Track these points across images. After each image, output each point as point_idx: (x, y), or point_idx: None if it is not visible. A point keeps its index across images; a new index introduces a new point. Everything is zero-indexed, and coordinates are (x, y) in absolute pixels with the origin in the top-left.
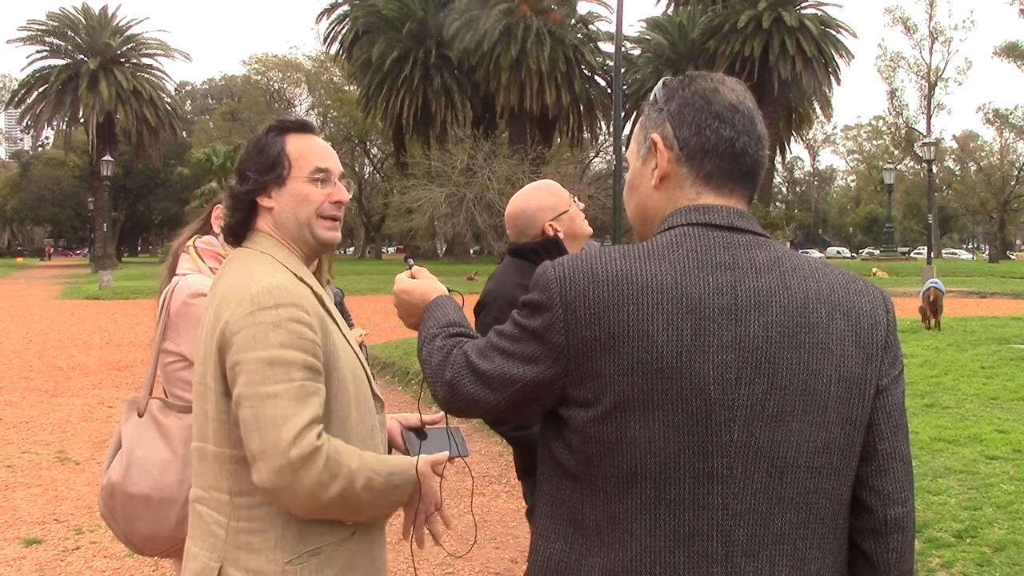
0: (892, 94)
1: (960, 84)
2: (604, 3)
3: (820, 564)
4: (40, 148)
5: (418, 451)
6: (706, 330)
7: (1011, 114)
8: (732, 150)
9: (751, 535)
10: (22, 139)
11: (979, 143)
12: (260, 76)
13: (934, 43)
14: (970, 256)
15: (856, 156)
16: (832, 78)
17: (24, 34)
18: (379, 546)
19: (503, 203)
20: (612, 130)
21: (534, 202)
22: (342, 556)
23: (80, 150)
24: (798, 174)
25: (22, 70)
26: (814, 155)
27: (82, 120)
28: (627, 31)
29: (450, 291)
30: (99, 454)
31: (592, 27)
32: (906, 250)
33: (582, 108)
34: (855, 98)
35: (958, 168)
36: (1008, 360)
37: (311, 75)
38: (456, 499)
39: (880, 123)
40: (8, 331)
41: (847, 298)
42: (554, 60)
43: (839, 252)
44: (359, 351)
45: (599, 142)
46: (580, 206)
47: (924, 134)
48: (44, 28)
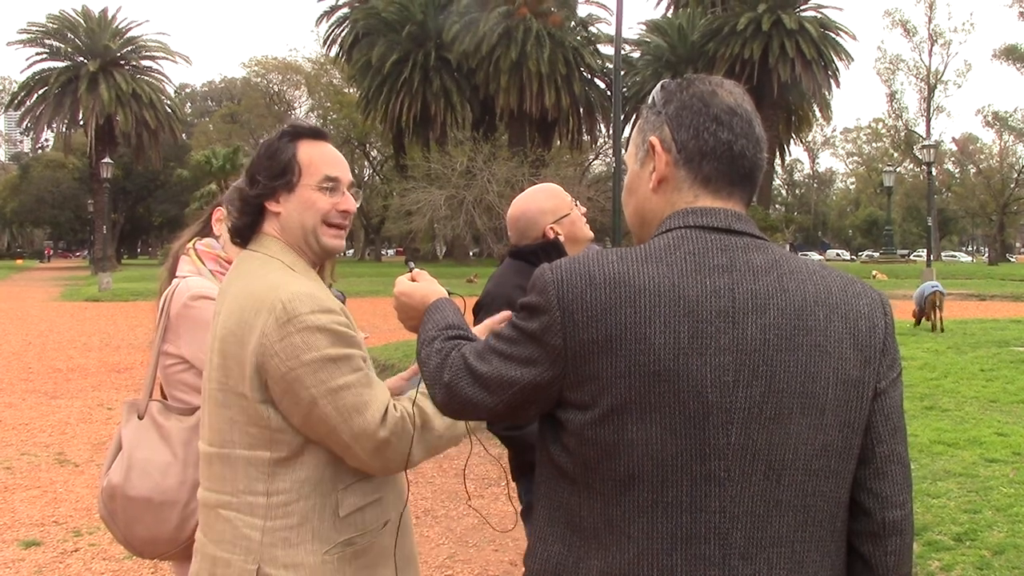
0: (892, 97)
1: (960, 87)
2: (604, 5)
3: (818, 567)
4: (40, 150)
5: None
6: (703, 333)
7: (1011, 117)
8: (730, 153)
9: (748, 538)
10: (22, 141)
11: (979, 146)
12: (260, 78)
13: (934, 46)
14: (970, 259)
15: (856, 158)
16: (832, 81)
17: (24, 36)
18: (410, 536)
19: (503, 205)
20: (612, 132)
21: (535, 205)
22: (376, 546)
23: (80, 152)
24: (797, 176)
25: (22, 72)
26: (813, 157)
27: (82, 122)
28: (627, 33)
29: (450, 294)
30: (98, 456)
31: (592, 29)
32: (906, 252)
33: (582, 110)
34: (855, 101)
35: (958, 171)
36: (1008, 363)
37: (311, 77)
38: (456, 501)
39: (880, 126)
40: (8, 333)
41: (845, 301)
42: (554, 62)
43: (839, 254)
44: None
45: (599, 144)
46: (582, 210)
47: (924, 137)
48: (44, 30)
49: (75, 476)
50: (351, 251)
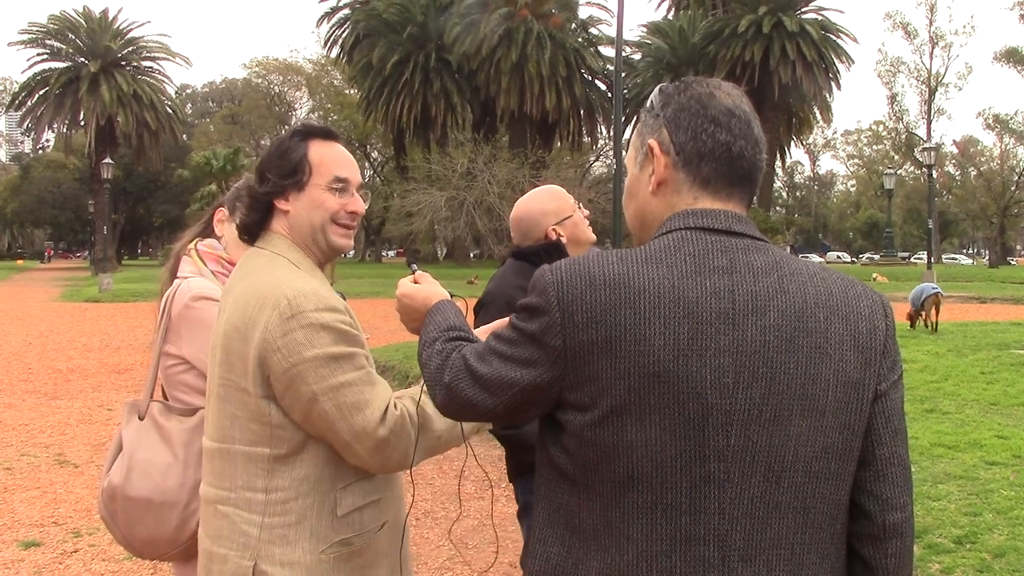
0: (892, 99)
1: (960, 89)
2: (605, 7)
3: (817, 569)
4: (40, 151)
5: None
6: (703, 334)
7: (1011, 119)
8: (729, 154)
9: (748, 540)
10: (22, 142)
11: (979, 148)
12: (261, 79)
13: (934, 48)
14: (970, 261)
15: (856, 161)
16: (832, 83)
17: (25, 37)
18: (405, 539)
19: (503, 207)
20: (612, 134)
21: (537, 206)
22: (371, 547)
23: (80, 153)
24: (798, 179)
25: (23, 73)
26: (814, 160)
27: (82, 123)
28: (628, 35)
29: (452, 296)
30: (98, 457)
31: (593, 31)
32: (906, 255)
33: (582, 112)
34: (855, 103)
35: (958, 173)
36: (1008, 365)
37: (312, 78)
38: (456, 503)
39: (880, 128)
40: (8, 333)
41: (846, 302)
42: (554, 64)
43: (839, 257)
44: None
45: (599, 146)
46: (585, 213)
47: (924, 139)
48: (45, 31)
49: (75, 477)
50: (351, 252)
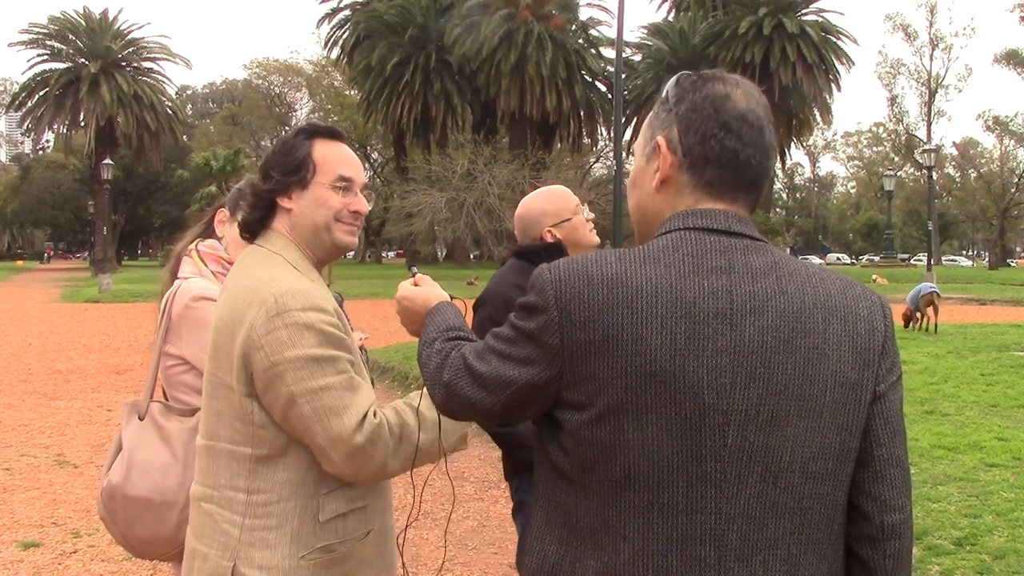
0: (892, 101)
1: (960, 91)
2: (605, 8)
3: (814, 570)
4: (40, 151)
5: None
6: (700, 334)
7: (1011, 121)
8: (735, 162)
9: (744, 540)
10: (23, 142)
11: (979, 150)
12: (261, 80)
13: (934, 50)
14: (970, 263)
15: (856, 162)
16: (833, 84)
17: (25, 37)
18: (391, 547)
19: (503, 208)
20: (612, 135)
21: (537, 207)
22: (355, 555)
23: (80, 153)
24: (798, 180)
25: (23, 73)
26: (814, 161)
27: (83, 124)
28: (628, 37)
29: (452, 298)
30: (98, 457)
31: (593, 32)
32: (906, 256)
33: (583, 113)
34: (855, 105)
35: (958, 175)
36: (1008, 367)
37: (312, 79)
38: (456, 504)
39: (880, 130)
40: (7, 334)
41: (844, 303)
42: (555, 65)
43: (839, 258)
44: (359, 355)
45: (599, 147)
46: (589, 216)
47: (924, 141)
48: (45, 31)
49: (74, 477)
50: (351, 253)
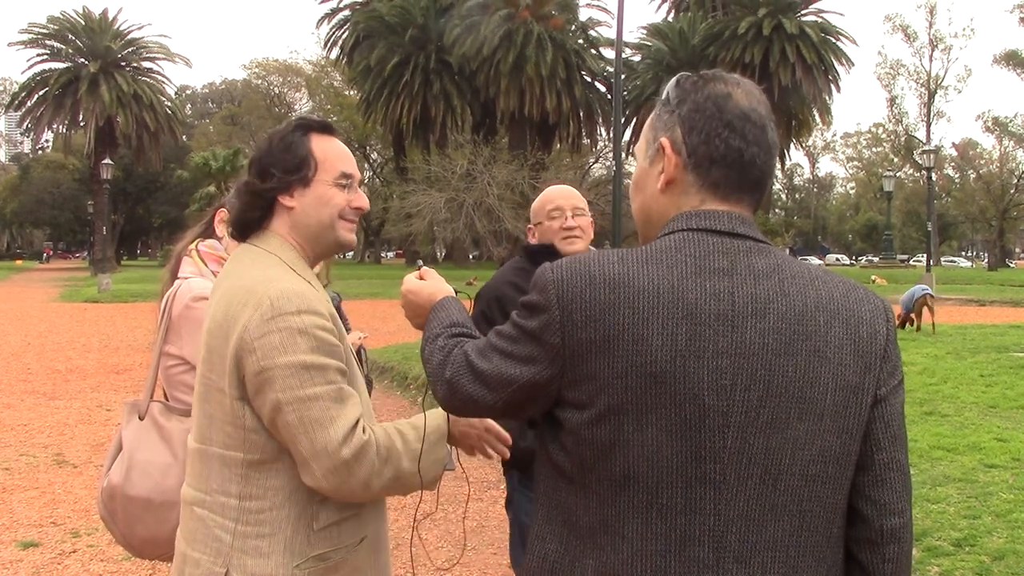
0: (892, 102)
1: (960, 92)
2: (605, 9)
3: (813, 572)
4: (40, 151)
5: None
6: (701, 335)
7: (1010, 122)
8: (740, 161)
9: (743, 541)
10: (22, 142)
11: (978, 151)
12: (260, 80)
13: (934, 51)
14: (969, 264)
15: (856, 163)
16: (832, 85)
17: (25, 37)
18: (385, 553)
19: (502, 208)
20: (612, 136)
21: (535, 204)
22: (349, 563)
23: (80, 153)
24: (797, 181)
25: (22, 73)
26: (814, 162)
27: (82, 123)
28: (627, 37)
29: (457, 293)
30: (97, 457)
31: (592, 33)
32: (905, 257)
33: (582, 114)
34: (855, 105)
35: (957, 176)
36: (1007, 368)
37: (311, 80)
38: (455, 504)
39: (880, 130)
40: (7, 333)
41: (846, 306)
42: (554, 66)
43: (838, 259)
44: (355, 356)
45: (599, 148)
46: (571, 223)
47: (923, 142)
48: (45, 31)
49: (74, 477)
50: (350, 253)
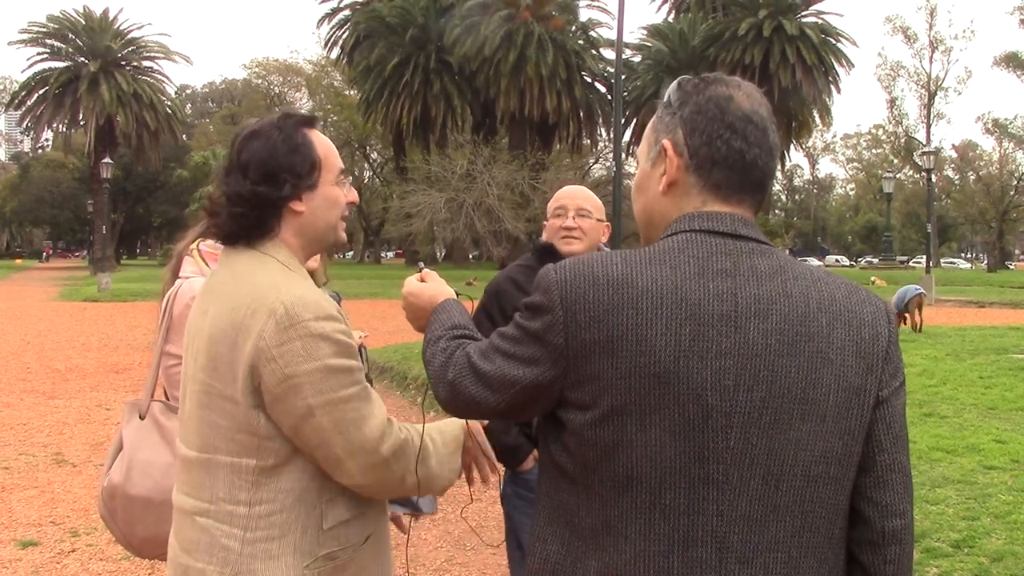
0: (892, 103)
1: (960, 94)
2: (605, 9)
3: (815, 573)
4: (40, 150)
5: None
6: (705, 336)
7: (1010, 124)
8: (742, 162)
9: (745, 542)
10: (22, 141)
11: (978, 152)
12: (260, 80)
13: (934, 52)
14: (969, 265)
15: (855, 165)
16: (832, 86)
17: (25, 36)
18: (387, 552)
19: (502, 209)
20: (612, 136)
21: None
22: (355, 562)
23: (80, 152)
24: (797, 182)
25: (22, 72)
26: (813, 163)
27: (82, 122)
28: (628, 38)
29: (458, 295)
30: (96, 456)
31: (593, 34)
32: (905, 259)
33: (582, 114)
34: (855, 107)
35: (957, 177)
36: (1006, 370)
37: (312, 79)
38: (454, 505)
39: (880, 132)
40: (6, 333)
41: (849, 308)
42: (555, 66)
43: (838, 260)
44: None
45: (599, 148)
46: (570, 224)
47: (923, 143)
48: (45, 30)
49: (73, 476)
50: (350, 253)
